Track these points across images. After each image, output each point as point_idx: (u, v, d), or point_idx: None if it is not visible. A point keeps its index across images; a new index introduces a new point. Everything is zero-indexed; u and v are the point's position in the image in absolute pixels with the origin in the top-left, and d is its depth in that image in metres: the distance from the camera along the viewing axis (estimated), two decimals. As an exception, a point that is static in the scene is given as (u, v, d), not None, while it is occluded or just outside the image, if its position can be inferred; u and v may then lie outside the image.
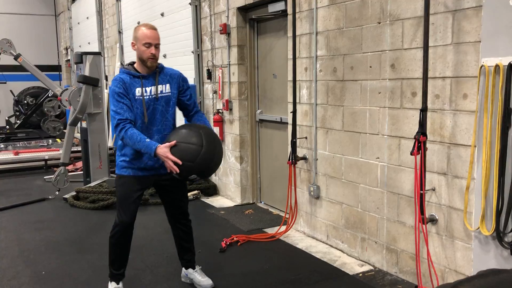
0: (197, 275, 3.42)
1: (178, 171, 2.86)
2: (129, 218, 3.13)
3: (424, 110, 3.06)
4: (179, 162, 2.83)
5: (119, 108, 2.95)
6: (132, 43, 3.06)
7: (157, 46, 3.02)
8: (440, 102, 3.09)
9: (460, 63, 2.95)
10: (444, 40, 3.03)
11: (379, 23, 3.50)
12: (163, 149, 2.86)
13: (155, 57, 3.02)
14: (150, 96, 3.05)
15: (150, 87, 3.05)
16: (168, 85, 3.12)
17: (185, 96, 3.23)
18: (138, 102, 3.01)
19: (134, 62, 3.11)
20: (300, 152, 4.47)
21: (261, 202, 5.72)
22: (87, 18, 11.73)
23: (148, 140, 2.92)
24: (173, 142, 2.87)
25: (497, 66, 2.68)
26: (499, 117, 2.69)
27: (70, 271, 3.77)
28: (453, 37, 2.97)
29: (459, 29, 2.93)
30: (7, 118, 12.50)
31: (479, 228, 2.87)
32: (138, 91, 3.02)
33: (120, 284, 3.25)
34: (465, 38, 2.90)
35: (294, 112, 4.40)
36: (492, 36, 2.73)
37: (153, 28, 3.05)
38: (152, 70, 3.08)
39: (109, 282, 3.26)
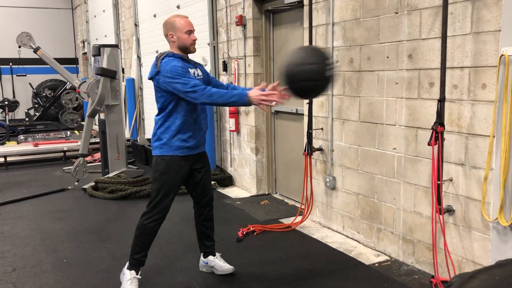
0: (218, 261, 3.49)
1: (287, 97, 2.89)
2: (170, 204, 3.19)
3: (441, 100, 3.05)
4: (276, 94, 2.89)
5: (187, 78, 2.99)
6: (170, 34, 3.12)
7: (194, 32, 3.19)
8: (458, 92, 3.07)
9: (479, 53, 2.92)
10: (462, 30, 3.00)
11: (397, 13, 3.48)
12: (255, 92, 2.91)
13: (195, 42, 3.18)
14: (198, 77, 3.17)
15: (193, 70, 3.18)
16: (199, 69, 3.25)
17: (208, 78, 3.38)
18: None
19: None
20: (316, 143, 4.48)
21: (276, 193, 5.75)
22: (104, 11, 11.82)
23: (233, 90, 3.10)
24: (263, 85, 3.05)
25: (517, 55, 2.66)
26: (519, 107, 2.66)
27: (91, 259, 3.86)
28: (472, 26, 2.94)
29: (479, 18, 2.90)
30: (26, 110, 12.72)
31: (497, 218, 2.86)
32: (192, 71, 3.13)
33: (139, 274, 3.23)
34: (484, 27, 2.87)
35: (310, 103, 4.41)
36: (512, 25, 2.70)
37: (186, 17, 3.19)
38: (187, 57, 3.21)
39: (129, 271, 3.21)
